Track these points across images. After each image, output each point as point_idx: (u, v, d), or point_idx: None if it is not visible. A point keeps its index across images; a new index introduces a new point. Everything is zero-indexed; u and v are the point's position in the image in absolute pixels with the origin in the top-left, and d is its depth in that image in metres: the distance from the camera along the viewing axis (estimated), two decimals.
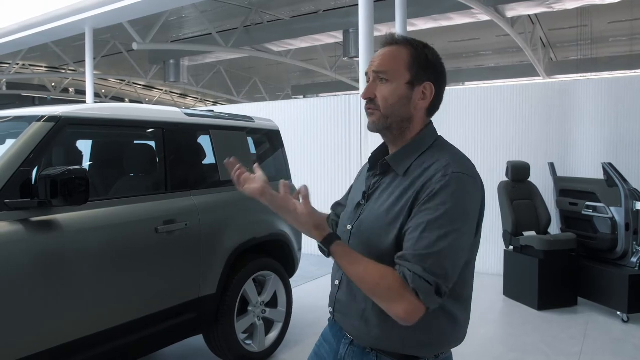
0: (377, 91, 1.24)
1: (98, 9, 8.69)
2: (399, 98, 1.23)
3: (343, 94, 7.29)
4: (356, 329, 1.26)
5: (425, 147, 1.25)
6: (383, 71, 1.24)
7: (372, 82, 1.26)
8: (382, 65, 1.24)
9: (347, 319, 1.29)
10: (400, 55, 1.24)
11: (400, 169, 1.23)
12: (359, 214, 1.28)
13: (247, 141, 3.56)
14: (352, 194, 1.42)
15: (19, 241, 2.09)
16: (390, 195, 1.22)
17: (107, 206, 2.51)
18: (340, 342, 1.32)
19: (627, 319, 4.15)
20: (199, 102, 25.81)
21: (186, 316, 2.84)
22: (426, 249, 1.08)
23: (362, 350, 1.27)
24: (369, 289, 1.14)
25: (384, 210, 1.21)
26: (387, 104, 1.23)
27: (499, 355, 3.58)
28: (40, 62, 18.52)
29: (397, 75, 1.23)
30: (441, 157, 1.19)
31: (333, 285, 1.36)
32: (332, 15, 11.42)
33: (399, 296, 1.09)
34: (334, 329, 1.37)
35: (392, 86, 1.23)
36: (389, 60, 1.25)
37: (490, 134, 5.80)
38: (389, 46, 1.27)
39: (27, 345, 2.11)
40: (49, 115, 2.37)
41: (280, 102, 7.85)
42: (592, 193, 4.56)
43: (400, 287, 1.09)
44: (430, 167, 1.17)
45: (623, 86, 5.30)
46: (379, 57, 1.26)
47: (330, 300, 1.36)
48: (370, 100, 1.25)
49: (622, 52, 14.29)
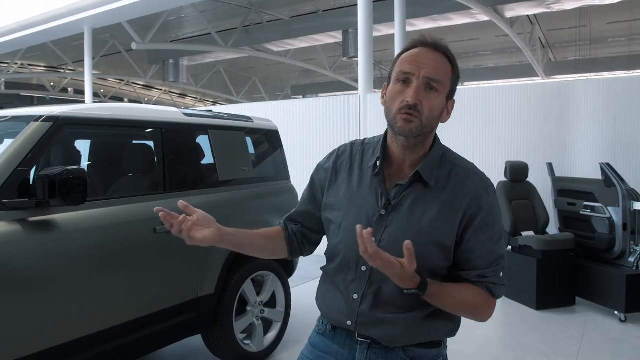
0: (423, 100, 1.18)
1: (97, 8, 8.69)
2: (440, 111, 1.22)
3: (342, 94, 7.29)
4: (389, 335, 1.23)
5: (439, 155, 1.26)
6: (437, 80, 1.18)
7: (418, 87, 1.18)
8: (436, 73, 1.18)
9: (378, 328, 1.24)
10: (447, 66, 1.21)
11: (431, 180, 1.22)
12: (384, 226, 1.22)
13: (246, 141, 3.56)
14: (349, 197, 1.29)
15: (17, 241, 2.09)
16: (427, 208, 1.20)
17: (106, 206, 2.50)
18: (356, 349, 1.27)
19: (625, 319, 4.16)
20: (198, 102, 25.80)
21: (185, 316, 2.84)
22: (497, 262, 1.23)
23: (385, 348, 1.25)
24: (467, 311, 1.25)
25: (426, 224, 1.19)
26: (432, 114, 1.19)
27: (497, 354, 3.59)
28: (39, 62, 18.51)
29: (444, 88, 1.20)
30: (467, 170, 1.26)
31: (349, 299, 1.25)
32: (331, 16, 11.43)
33: (490, 306, 1.25)
34: (339, 338, 1.30)
35: (439, 98, 1.20)
36: (442, 70, 1.20)
37: (489, 133, 5.81)
38: (436, 52, 1.21)
39: (25, 346, 2.11)
40: (47, 115, 2.36)
41: (280, 102, 7.86)
42: (590, 193, 4.57)
43: (488, 299, 1.24)
44: (466, 182, 1.23)
45: (621, 86, 5.31)
46: (431, 64, 1.19)
47: (349, 314, 1.25)
48: (415, 106, 1.17)
49: (620, 53, 14.32)
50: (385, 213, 1.22)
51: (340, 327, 1.29)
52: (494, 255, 1.23)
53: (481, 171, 1.28)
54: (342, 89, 17.25)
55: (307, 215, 1.44)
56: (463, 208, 1.20)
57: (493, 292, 1.23)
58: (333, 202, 1.33)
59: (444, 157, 1.27)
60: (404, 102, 1.17)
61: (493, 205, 1.23)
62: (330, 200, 1.34)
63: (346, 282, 1.27)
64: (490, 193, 1.24)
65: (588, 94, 5.42)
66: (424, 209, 1.20)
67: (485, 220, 1.21)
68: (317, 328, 1.38)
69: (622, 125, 5.21)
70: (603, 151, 5.25)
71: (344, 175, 1.33)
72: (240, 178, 3.38)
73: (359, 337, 1.26)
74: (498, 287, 1.24)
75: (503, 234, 1.27)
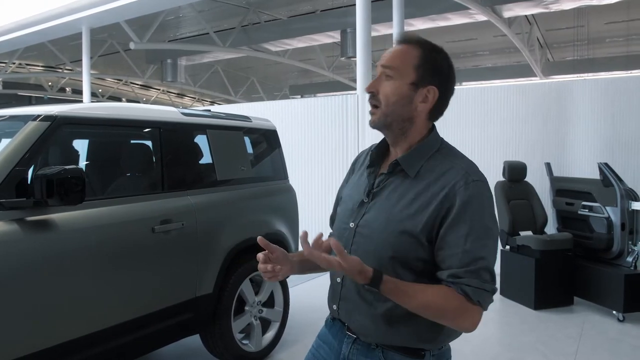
0: (380, 87, 1.23)
1: (95, 8, 8.67)
2: (399, 97, 1.22)
3: (340, 94, 7.29)
4: (363, 326, 1.26)
5: (432, 151, 1.25)
6: (389, 66, 1.22)
7: (378, 77, 1.24)
8: (389, 60, 1.23)
9: (353, 317, 1.28)
10: (410, 54, 1.22)
11: (411, 171, 1.22)
12: (363, 212, 1.27)
13: (244, 141, 3.55)
14: (350, 190, 1.38)
15: (15, 241, 2.08)
16: (402, 197, 1.21)
17: (104, 206, 2.50)
18: (343, 342, 1.32)
19: (623, 318, 4.16)
20: (196, 102, 25.78)
21: (183, 316, 2.84)
22: (475, 263, 1.13)
23: (367, 347, 1.27)
24: (434, 315, 1.16)
25: (397, 212, 1.20)
26: (388, 101, 1.22)
27: (496, 354, 3.59)
28: (37, 62, 18.47)
29: (403, 74, 1.22)
30: (454, 163, 1.21)
31: (335, 282, 1.33)
32: (329, 15, 11.43)
33: (466, 312, 1.14)
34: (334, 329, 1.36)
35: (395, 84, 1.22)
36: (397, 57, 1.23)
37: (487, 133, 5.81)
38: (400, 44, 1.25)
39: (22, 346, 2.10)
40: (44, 114, 2.36)
41: (278, 101, 7.85)
42: (588, 193, 4.58)
43: (464, 303, 1.13)
44: (447, 174, 1.18)
45: (619, 87, 5.32)
46: (388, 53, 1.25)
47: (334, 298, 1.33)
48: (373, 95, 1.24)
49: (618, 53, 14.35)
50: (367, 201, 1.27)
51: (334, 317, 1.36)
52: (470, 256, 1.13)
53: (474, 168, 1.21)
54: (340, 89, 17.25)
55: None
56: (439, 200, 1.16)
57: (470, 297, 1.12)
58: (341, 196, 1.43)
59: (439, 152, 1.25)
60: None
61: (473, 198, 1.15)
62: (340, 195, 1.44)
63: None
64: (473, 187, 1.15)
65: (586, 94, 5.43)
66: (399, 198, 1.22)
67: (461, 215, 1.14)
68: (326, 321, 1.44)
69: (620, 125, 5.22)
70: (601, 151, 5.26)
71: (357, 172, 1.42)
72: (238, 178, 3.38)
73: (347, 331, 1.31)
74: (477, 292, 1.13)
75: (488, 234, 1.16)
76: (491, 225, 1.18)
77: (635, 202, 4.21)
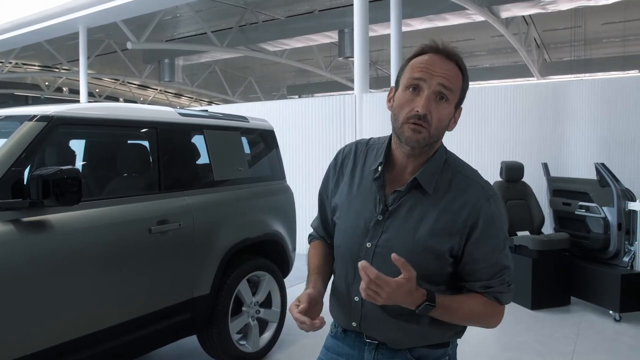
0: (433, 110, 1.14)
1: (92, 7, 8.66)
2: (448, 120, 1.19)
3: (338, 94, 7.29)
4: (393, 339, 1.25)
5: (441, 163, 1.23)
6: (449, 89, 1.15)
7: (431, 97, 1.15)
8: (449, 82, 1.15)
9: (382, 333, 1.25)
10: (458, 75, 1.18)
11: (429, 188, 1.20)
12: (380, 231, 1.21)
13: (242, 141, 3.55)
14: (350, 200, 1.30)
15: (10, 242, 2.07)
16: (424, 216, 1.19)
17: (100, 206, 2.49)
18: (364, 350, 1.29)
19: (620, 318, 4.17)
20: (193, 102, 25.75)
21: (180, 317, 2.83)
22: (502, 272, 1.22)
23: (391, 350, 1.26)
24: (474, 322, 1.25)
25: (423, 232, 1.18)
26: (440, 125, 1.17)
27: (493, 354, 3.59)
28: (34, 61, 18.42)
29: (454, 97, 1.18)
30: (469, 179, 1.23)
31: (351, 301, 1.27)
32: (327, 15, 11.43)
33: (497, 314, 1.26)
34: (348, 340, 1.32)
35: (449, 107, 1.17)
36: (454, 80, 1.17)
37: (484, 134, 5.82)
38: (448, 60, 1.17)
39: (18, 347, 2.09)
40: (41, 114, 2.35)
41: (276, 102, 7.85)
42: (585, 193, 4.59)
43: (496, 307, 1.24)
44: (466, 191, 1.20)
45: (616, 87, 5.33)
46: (444, 73, 1.15)
47: (352, 315, 1.27)
48: (424, 116, 1.14)
49: (615, 53, 14.40)
50: (382, 219, 1.22)
51: (348, 329, 1.31)
52: (499, 266, 1.21)
53: (485, 180, 1.24)
54: (337, 89, 17.25)
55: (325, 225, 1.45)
56: (462, 219, 1.18)
57: (500, 300, 1.24)
58: (337, 203, 1.34)
59: (447, 164, 1.24)
60: (413, 112, 1.15)
61: (495, 215, 1.20)
62: (336, 201, 1.35)
63: (347, 283, 1.28)
64: (492, 203, 1.20)
65: (583, 94, 5.44)
66: (421, 216, 1.19)
67: (487, 231, 1.18)
68: (330, 331, 1.40)
69: (617, 126, 5.24)
70: (598, 151, 5.28)
71: (347, 176, 1.33)
72: (235, 178, 3.37)
73: (367, 339, 1.28)
74: (505, 295, 1.24)
75: (507, 243, 1.24)
76: (507, 235, 1.27)
77: (631, 202, 4.22)
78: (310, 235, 1.50)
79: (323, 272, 1.34)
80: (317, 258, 1.38)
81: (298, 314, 1.18)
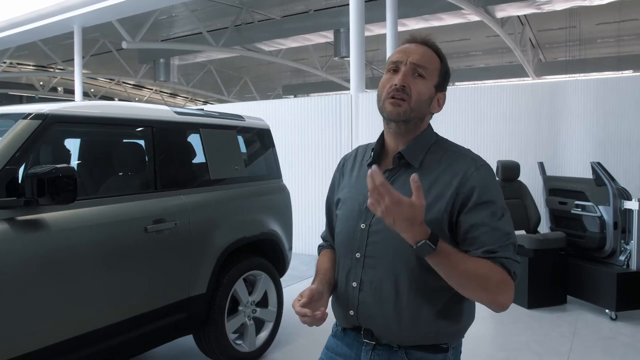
0: (411, 83, 1.23)
1: (87, 7, 8.63)
2: (428, 96, 1.25)
3: (334, 94, 7.29)
4: (386, 329, 1.24)
5: (430, 143, 1.29)
6: (423, 66, 1.24)
7: (405, 72, 1.23)
8: (423, 60, 1.25)
9: (375, 320, 1.25)
10: (435, 58, 1.27)
11: (415, 162, 1.25)
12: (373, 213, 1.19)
13: (238, 140, 3.54)
14: (348, 192, 1.35)
15: (5, 241, 2.06)
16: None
17: (95, 205, 2.47)
18: (361, 350, 1.29)
19: (616, 317, 4.18)
20: (189, 102, 25.70)
21: (176, 316, 2.82)
22: (505, 238, 1.17)
23: (388, 350, 1.25)
24: (479, 284, 1.14)
25: None
26: (420, 98, 1.24)
27: (489, 353, 3.59)
28: (28, 61, 18.33)
29: (432, 76, 1.26)
30: (458, 153, 1.26)
31: (350, 288, 1.28)
32: (323, 15, 11.43)
33: (505, 284, 1.15)
34: (347, 339, 1.33)
35: (427, 84, 1.25)
36: (427, 59, 1.26)
37: (480, 133, 5.83)
38: (424, 46, 1.27)
39: (14, 347, 2.07)
40: (35, 112, 2.33)
41: (271, 101, 7.83)
42: (581, 192, 4.60)
43: (503, 274, 1.15)
44: (454, 163, 1.23)
45: (610, 87, 5.36)
46: (418, 52, 1.25)
47: (349, 304, 1.28)
48: (403, 88, 1.22)
49: (609, 53, 14.46)
50: None
51: (347, 326, 1.32)
52: (501, 231, 1.17)
53: (474, 154, 1.27)
54: (333, 89, 17.25)
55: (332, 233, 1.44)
56: (454, 188, 1.19)
57: (507, 268, 1.15)
58: (340, 197, 1.39)
59: (437, 144, 1.29)
60: (392, 86, 1.23)
61: (487, 181, 1.21)
62: (338, 196, 1.40)
63: (345, 270, 1.30)
64: (482, 171, 1.21)
65: (578, 94, 5.46)
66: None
67: (482, 197, 1.18)
68: (332, 331, 1.41)
69: (612, 125, 5.26)
70: (593, 150, 5.30)
71: (348, 174, 1.40)
72: (232, 177, 3.36)
73: (365, 339, 1.28)
74: (512, 263, 1.16)
75: (506, 213, 1.21)
76: (504, 204, 1.24)
77: (627, 201, 4.23)
78: (319, 245, 1.53)
79: (330, 275, 1.36)
80: (325, 262, 1.41)
81: (299, 307, 1.19)
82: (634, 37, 13.34)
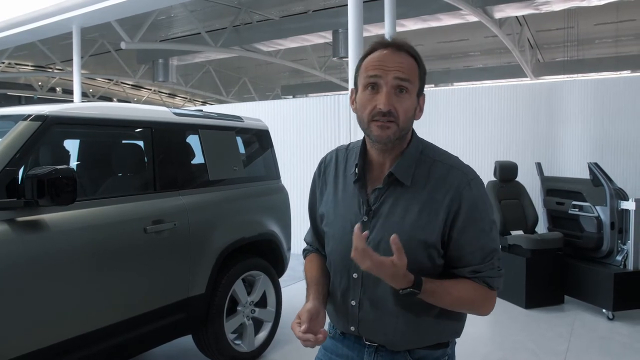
0: (396, 104, 1.15)
1: (86, 7, 8.61)
2: (413, 109, 1.19)
3: (332, 94, 7.30)
4: (391, 341, 1.25)
5: (417, 153, 1.23)
6: (407, 79, 1.15)
7: (389, 92, 1.15)
8: (404, 73, 1.15)
9: (377, 335, 1.26)
10: (413, 64, 1.18)
11: (406, 180, 1.19)
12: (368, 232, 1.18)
13: (236, 141, 3.55)
14: (335, 206, 1.30)
15: (5, 241, 2.07)
16: (407, 210, 1.18)
17: (95, 206, 2.48)
18: (363, 352, 1.29)
19: (613, 317, 4.20)
20: (187, 102, 25.67)
21: (175, 316, 2.83)
22: (490, 256, 1.20)
23: (391, 352, 1.26)
24: (466, 307, 1.24)
25: (407, 226, 1.17)
26: (407, 117, 1.17)
27: (487, 353, 3.61)
28: (27, 61, 18.30)
29: (414, 87, 1.18)
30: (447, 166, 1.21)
31: (347, 305, 1.27)
32: (321, 16, 11.42)
33: (488, 299, 1.23)
34: (347, 342, 1.32)
35: (411, 98, 1.17)
36: (408, 69, 1.16)
37: (478, 133, 5.85)
38: (399, 52, 1.17)
39: (13, 347, 2.08)
40: (35, 114, 2.34)
41: (270, 102, 7.84)
42: (578, 192, 4.62)
43: (487, 292, 1.22)
44: (446, 179, 1.19)
45: (608, 87, 5.38)
46: (398, 64, 1.15)
47: (349, 321, 1.27)
48: (389, 112, 1.14)
49: (607, 54, 14.48)
50: (367, 219, 1.22)
51: (347, 332, 1.31)
52: (486, 249, 1.19)
53: (465, 164, 1.24)
54: (332, 89, 17.23)
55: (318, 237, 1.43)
56: (446, 205, 1.17)
57: (491, 285, 1.21)
58: (324, 212, 1.34)
59: (423, 154, 1.24)
60: (376, 109, 1.15)
61: (477, 198, 1.19)
62: (322, 210, 1.35)
63: (342, 289, 1.28)
64: (474, 186, 1.19)
65: (576, 94, 5.48)
66: (404, 210, 1.18)
67: (471, 215, 1.18)
68: (328, 332, 1.39)
69: (610, 126, 5.28)
70: (591, 151, 5.32)
71: (331, 184, 1.34)
72: (230, 178, 3.38)
73: (367, 341, 1.28)
74: (495, 280, 1.21)
75: (494, 226, 1.22)
76: (494, 217, 1.25)
77: (624, 201, 4.25)
78: (304, 250, 1.50)
79: (321, 284, 1.32)
80: (314, 270, 1.37)
81: (300, 333, 1.16)
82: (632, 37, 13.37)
